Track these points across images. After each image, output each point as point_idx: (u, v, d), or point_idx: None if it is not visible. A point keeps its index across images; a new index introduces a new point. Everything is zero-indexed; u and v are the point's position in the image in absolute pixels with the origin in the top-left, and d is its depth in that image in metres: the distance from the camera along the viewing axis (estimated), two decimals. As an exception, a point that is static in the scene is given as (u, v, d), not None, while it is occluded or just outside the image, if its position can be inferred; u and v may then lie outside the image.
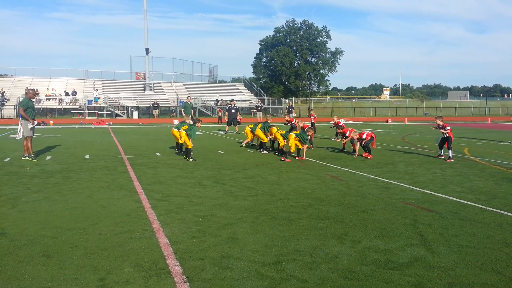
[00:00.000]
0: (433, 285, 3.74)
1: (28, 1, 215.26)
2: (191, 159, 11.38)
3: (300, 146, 11.97)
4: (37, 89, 39.93)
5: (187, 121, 11.85)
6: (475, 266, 4.16)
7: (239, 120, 24.03)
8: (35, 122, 11.66)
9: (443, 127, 12.33)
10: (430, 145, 16.25)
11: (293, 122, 17.37)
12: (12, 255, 4.34)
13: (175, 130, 12.29)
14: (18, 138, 11.64)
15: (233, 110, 23.02)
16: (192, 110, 24.13)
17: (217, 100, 43.02)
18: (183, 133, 11.61)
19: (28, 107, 11.30)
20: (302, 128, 13.71)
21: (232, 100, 27.51)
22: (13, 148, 14.28)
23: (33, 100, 12.45)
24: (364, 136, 12.35)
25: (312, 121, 20.74)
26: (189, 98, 24.29)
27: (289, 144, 11.86)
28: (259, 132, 13.51)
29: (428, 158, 12.26)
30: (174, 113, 40.44)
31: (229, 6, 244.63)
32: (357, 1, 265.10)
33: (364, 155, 12.45)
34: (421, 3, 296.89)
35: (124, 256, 4.35)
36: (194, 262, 4.21)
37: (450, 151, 12.07)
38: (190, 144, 11.53)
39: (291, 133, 12.12)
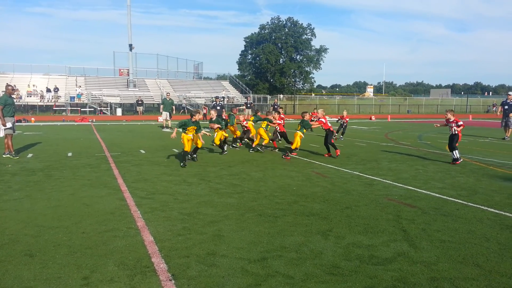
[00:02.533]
0: (416, 279, 3.81)
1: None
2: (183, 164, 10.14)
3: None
4: (15, 85, 39.11)
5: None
6: (457, 261, 4.25)
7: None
8: (13, 120, 11.36)
9: (455, 122, 10.97)
10: (413, 142, 16.50)
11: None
12: (-7, 255, 4.25)
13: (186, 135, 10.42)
14: (1, 136, 11.43)
15: (218, 107, 22.97)
16: (172, 107, 24.10)
17: (223, 97, 42.33)
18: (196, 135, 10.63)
19: (7, 104, 11.05)
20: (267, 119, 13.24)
21: (217, 97, 27.46)
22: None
23: (13, 96, 12.13)
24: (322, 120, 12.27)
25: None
26: (168, 94, 24.23)
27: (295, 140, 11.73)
28: (261, 131, 12.73)
29: (411, 155, 12.43)
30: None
31: (213, 2, 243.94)
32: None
33: (327, 155, 11.99)
34: (403, 1, 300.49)
35: (108, 254, 4.31)
36: (179, 260, 4.20)
37: (456, 152, 10.73)
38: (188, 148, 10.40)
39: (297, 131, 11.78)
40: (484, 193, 7.40)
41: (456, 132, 10.83)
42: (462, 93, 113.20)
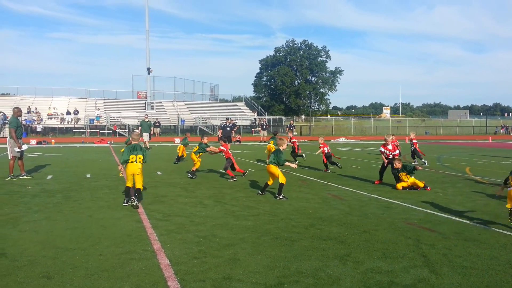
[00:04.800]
0: (437, 307, 3.69)
1: (29, 21, 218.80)
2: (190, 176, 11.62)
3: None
4: (35, 107, 40.18)
5: (142, 141, 10.07)
6: (480, 288, 4.11)
7: (239, 139, 24.21)
8: (24, 147, 11.48)
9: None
10: (432, 164, 16.23)
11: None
12: (12, 276, 4.30)
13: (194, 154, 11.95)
14: (9, 158, 11.51)
15: (228, 128, 23.37)
16: (151, 128, 24.51)
17: (255, 119, 42.68)
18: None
19: (18, 126, 11.29)
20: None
21: (227, 119, 27.92)
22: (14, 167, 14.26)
23: (20, 118, 12.26)
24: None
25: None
26: (146, 116, 24.85)
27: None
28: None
29: (430, 178, 12.21)
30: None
31: (228, 26, 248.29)
32: (353, 21, 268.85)
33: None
34: (416, 23, 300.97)
35: (125, 277, 4.31)
36: (195, 283, 4.17)
37: None
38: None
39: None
40: (507, 217, 7.18)
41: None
42: (481, 114, 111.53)
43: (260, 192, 9.24)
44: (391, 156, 10.72)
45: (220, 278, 4.32)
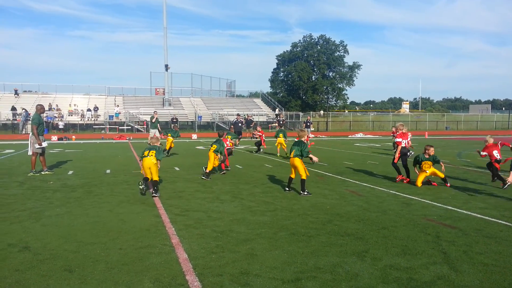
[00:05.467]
0: (457, 305, 3.63)
1: (50, 20, 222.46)
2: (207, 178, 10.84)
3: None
4: (55, 104, 41.02)
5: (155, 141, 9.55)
6: (502, 286, 4.03)
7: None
8: (44, 144, 11.71)
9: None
10: (452, 160, 15.95)
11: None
12: (35, 269, 4.42)
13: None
14: (30, 154, 11.78)
15: (239, 124, 23.58)
16: (157, 125, 24.76)
17: (276, 115, 42.83)
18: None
19: (40, 123, 11.52)
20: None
21: (238, 115, 28.18)
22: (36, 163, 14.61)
23: (42, 115, 12.53)
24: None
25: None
26: (155, 113, 25.34)
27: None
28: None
29: (450, 173, 11.99)
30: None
31: (245, 22, 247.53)
32: (372, 15, 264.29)
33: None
34: (436, 16, 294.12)
35: (144, 271, 4.38)
36: (213, 278, 4.21)
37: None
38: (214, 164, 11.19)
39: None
40: (530, 214, 7.02)
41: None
42: (504, 108, 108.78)
43: (287, 189, 9.10)
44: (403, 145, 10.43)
45: (237, 273, 4.35)
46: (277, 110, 50.06)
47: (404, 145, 10.45)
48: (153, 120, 24.48)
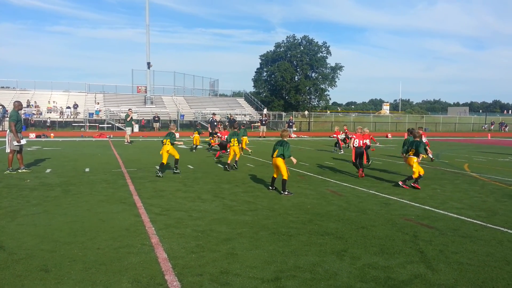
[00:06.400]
0: (433, 303, 3.71)
1: (28, 14, 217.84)
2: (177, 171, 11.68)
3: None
4: (34, 101, 40.17)
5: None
6: (476, 284, 4.14)
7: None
8: (23, 141, 11.44)
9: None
10: (430, 161, 16.24)
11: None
12: (10, 269, 4.32)
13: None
14: (8, 152, 11.47)
15: (215, 123, 23.71)
16: (132, 123, 25.05)
17: (262, 115, 42.33)
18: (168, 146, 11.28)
19: (18, 120, 11.26)
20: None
21: (214, 114, 28.37)
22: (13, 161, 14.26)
23: (20, 112, 12.21)
24: None
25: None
26: (130, 110, 25.56)
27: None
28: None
29: (428, 174, 12.23)
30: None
31: (228, 21, 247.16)
32: (354, 17, 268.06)
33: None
34: (416, 19, 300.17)
35: (122, 271, 4.33)
36: (192, 278, 4.19)
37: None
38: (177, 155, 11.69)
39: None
40: (504, 214, 7.22)
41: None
42: (481, 111, 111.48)
43: (271, 188, 9.22)
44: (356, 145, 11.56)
45: (217, 272, 4.34)
46: (265, 110, 50.09)
47: (357, 145, 11.52)
48: (128, 119, 24.40)
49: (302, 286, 4.02)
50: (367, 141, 12.17)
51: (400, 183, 9.91)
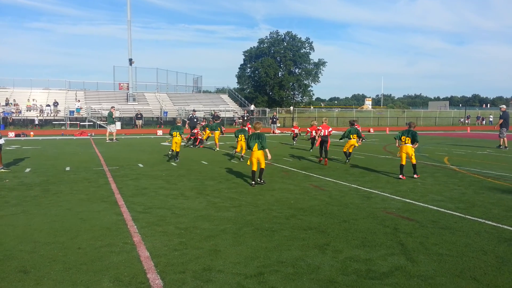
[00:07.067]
0: (413, 294, 3.78)
1: (7, 10, 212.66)
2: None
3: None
4: (14, 100, 39.31)
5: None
6: (454, 274, 4.23)
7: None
8: (1, 141, 11.19)
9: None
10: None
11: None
12: (-13, 271, 4.22)
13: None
14: None
15: (195, 119, 23.70)
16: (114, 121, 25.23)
17: (243, 116, 42.00)
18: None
19: None
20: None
21: (194, 110, 28.48)
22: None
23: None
24: None
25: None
26: (112, 108, 25.73)
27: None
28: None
29: (409, 167, 12.41)
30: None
31: (211, 17, 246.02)
32: (337, 13, 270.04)
33: None
34: (398, 15, 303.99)
35: (104, 270, 4.28)
36: (175, 275, 4.17)
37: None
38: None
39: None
40: (482, 205, 7.39)
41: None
42: (460, 105, 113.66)
43: (253, 183, 9.34)
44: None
45: (200, 269, 4.33)
46: (252, 106, 50.13)
47: (323, 134, 13.44)
48: (113, 116, 24.33)
49: (284, 281, 4.05)
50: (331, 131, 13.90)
51: (415, 176, 10.47)
